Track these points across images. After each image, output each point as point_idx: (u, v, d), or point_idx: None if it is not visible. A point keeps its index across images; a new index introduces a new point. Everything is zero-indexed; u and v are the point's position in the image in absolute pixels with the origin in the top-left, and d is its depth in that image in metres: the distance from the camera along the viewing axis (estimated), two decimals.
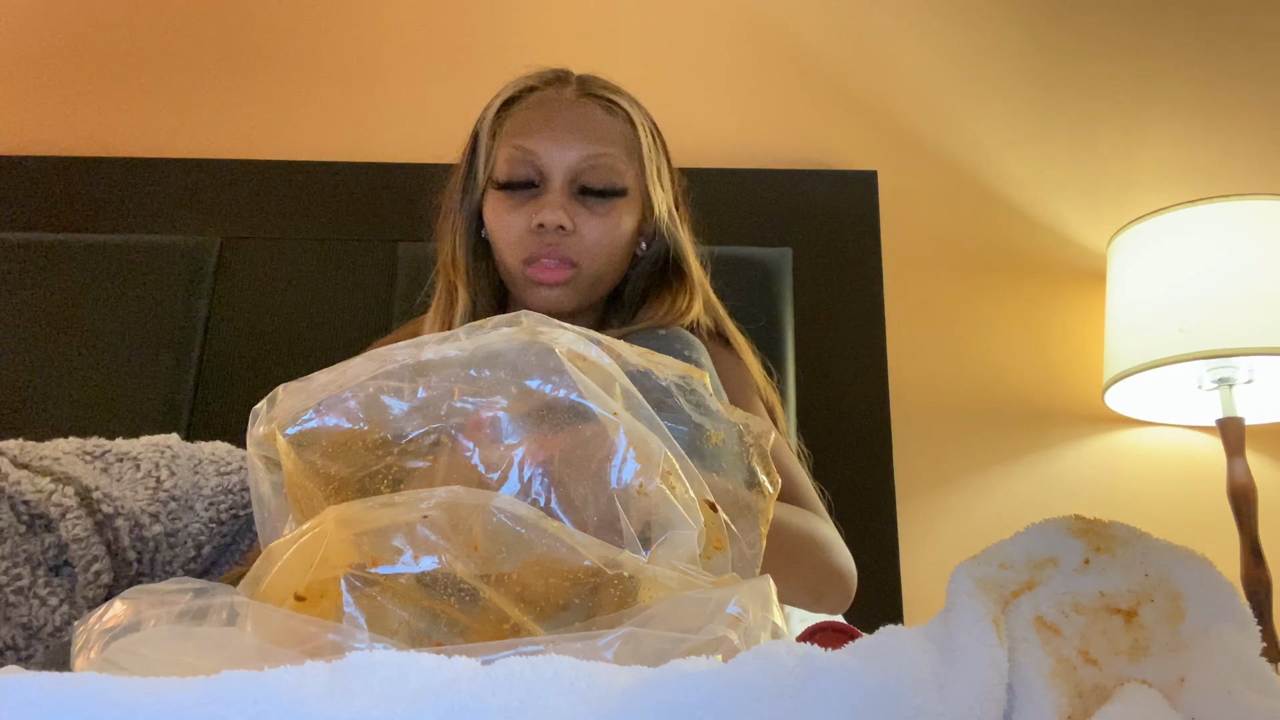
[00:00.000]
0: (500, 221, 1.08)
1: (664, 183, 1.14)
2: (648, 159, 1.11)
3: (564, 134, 1.07)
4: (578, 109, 1.09)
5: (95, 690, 0.37)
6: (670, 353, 0.97)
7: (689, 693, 0.38)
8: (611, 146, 1.08)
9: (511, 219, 1.07)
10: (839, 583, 0.98)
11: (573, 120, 1.08)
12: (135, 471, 1.18)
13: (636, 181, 1.10)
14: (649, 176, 1.11)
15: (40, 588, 1.04)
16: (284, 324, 1.63)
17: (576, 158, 1.06)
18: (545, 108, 1.10)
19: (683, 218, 1.17)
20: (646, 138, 1.12)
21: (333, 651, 0.44)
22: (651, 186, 1.11)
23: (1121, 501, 1.66)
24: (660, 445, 0.52)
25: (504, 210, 1.08)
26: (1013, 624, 0.41)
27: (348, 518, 0.48)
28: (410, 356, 0.54)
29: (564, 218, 1.04)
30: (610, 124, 1.10)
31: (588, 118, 1.09)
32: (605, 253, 1.08)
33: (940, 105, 1.86)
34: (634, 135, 1.11)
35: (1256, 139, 1.84)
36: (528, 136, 1.08)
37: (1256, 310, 1.45)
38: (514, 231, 1.07)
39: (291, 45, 1.89)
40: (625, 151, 1.09)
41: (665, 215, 1.12)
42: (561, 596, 0.48)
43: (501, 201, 1.09)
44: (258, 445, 0.54)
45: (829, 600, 0.98)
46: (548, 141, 1.07)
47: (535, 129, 1.08)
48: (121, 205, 1.71)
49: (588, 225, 1.06)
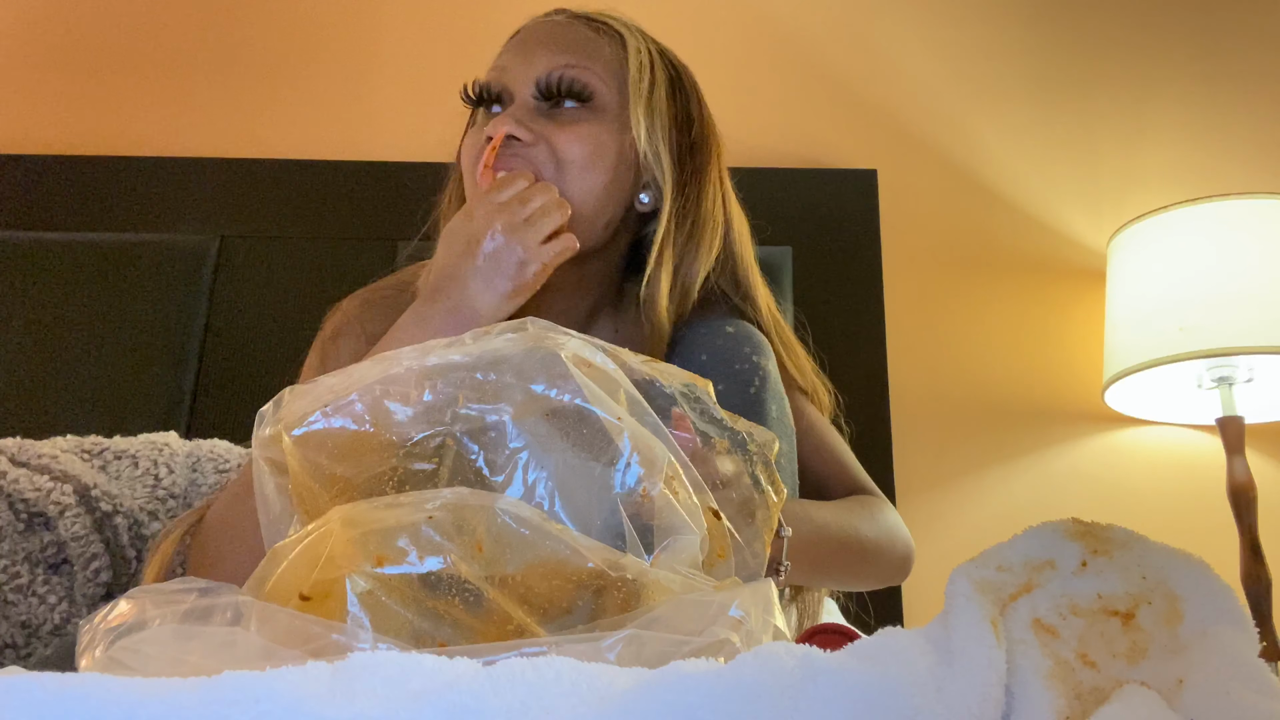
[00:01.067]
0: (464, 148, 0.96)
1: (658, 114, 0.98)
2: (634, 82, 0.96)
3: (534, 47, 0.95)
4: (559, 27, 0.98)
5: (97, 690, 0.37)
6: (736, 355, 0.94)
7: (689, 694, 0.38)
8: (588, 60, 0.95)
9: (470, 141, 0.95)
10: (903, 565, 1.02)
11: (548, 36, 0.97)
12: (134, 469, 1.18)
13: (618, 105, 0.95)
14: (633, 100, 0.95)
15: (39, 586, 1.04)
16: (283, 323, 1.63)
17: (542, 68, 0.93)
18: (526, 30, 1.00)
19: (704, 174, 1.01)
20: (640, 58, 0.98)
21: (337, 652, 0.44)
22: (633, 113, 0.95)
23: (1121, 501, 1.66)
24: (664, 451, 0.52)
25: (468, 138, 0.97)
26: (1011, 626, 0.41)
27: (353, 518, 0.48)
28: (416, 361, 0.54)
29: (515, 126, 0.90)
30: (592, 40, 0.97)
31: (567, 33, 0.97)
32: (576, 171, 0.92)
33: (940, 104, 1.86)
34: (622, 55, 0.97)
35: (1256, 138, 1.84)
36: (501, 57, 0.98)
37: (1256, 309, 1.45)
38: (470, 153, 0.94)
39: (291, 45, 1.89)
40: (604, 70, 0.95)
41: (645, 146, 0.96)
42: (565, 599, 0.48)
43: (471, 130, 0.98)
44: (263, 447, 0.54)
45: (897, 581, 1.04)
46: (516, 55, 0.96)
47: (510, 49, 0.98)
48: (121, 205, 1.71)
49: (554, 135, 0.91)
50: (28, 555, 1.05)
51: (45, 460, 1.13)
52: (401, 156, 1.77)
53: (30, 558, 1.05)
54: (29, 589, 1.04)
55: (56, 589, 1.05)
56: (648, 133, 0.96)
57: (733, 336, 0.96)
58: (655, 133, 0.97)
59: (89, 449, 1.19)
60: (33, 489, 1.08)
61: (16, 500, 1.06)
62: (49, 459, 1.13)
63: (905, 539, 1.02)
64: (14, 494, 1.07)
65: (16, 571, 1.04)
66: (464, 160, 0.97)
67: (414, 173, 1.68)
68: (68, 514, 1.07)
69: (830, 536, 0.92)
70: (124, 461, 1.19)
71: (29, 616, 1.03)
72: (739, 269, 1.06)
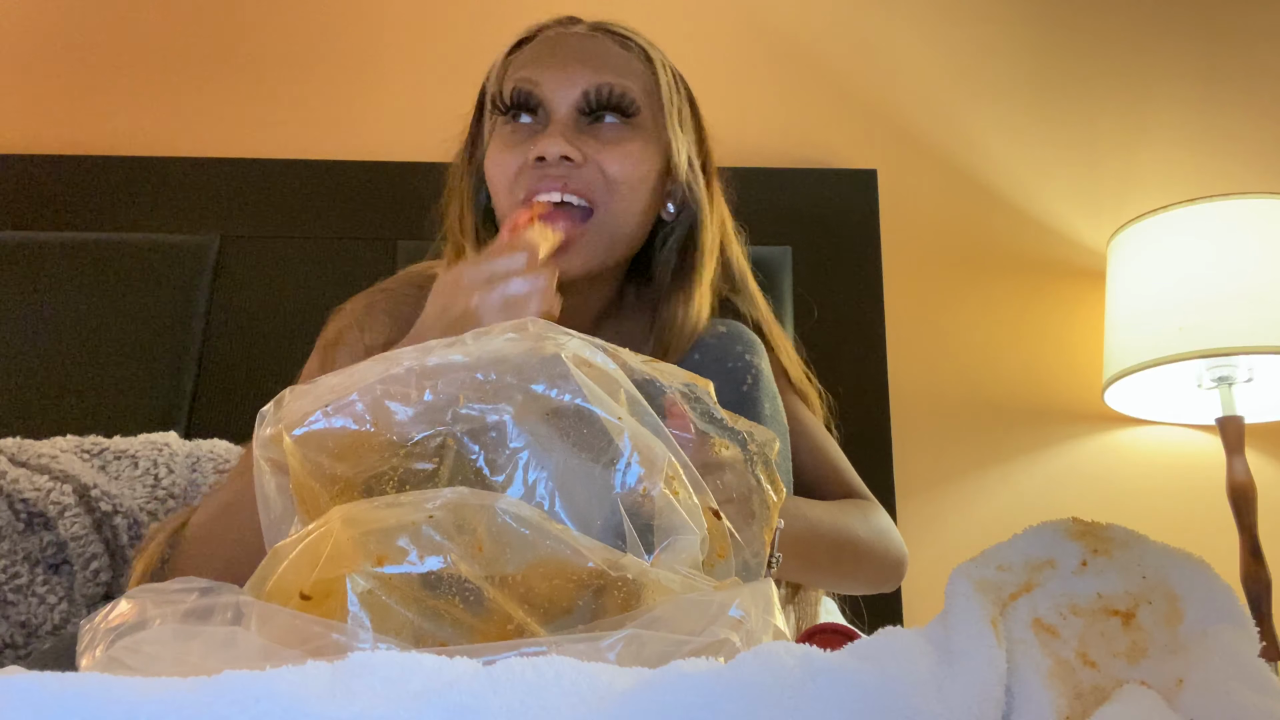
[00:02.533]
0: (495, 161, 0.96)
1: (685, 131, 1.00)
2: (667, 100, 0.98)
3: (571, 63, 0.95)
4: (589, 40, 0.98)
5: (97, 689, 0.37)
6: (729, 354, 0.94)
7: (689, 693, 0.38)
8: (624, 78, 0.96)
9: (507, 156, 0.94)
10: (896, 570, 1.01)
11: (582, 50, 0.97)
12: (133, 469, 1.18)
13: (653, 122, 0.97)
14: (669, 118, 0.98)
15: (39, 586, 1.04)
16: (283, 322, 1.63)
17: (583, 87, 0.94)
18: (553, 41, 0.99)
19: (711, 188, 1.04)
20: (666, 76, 1.00)
21: (337, 651, 0.44)
22: (671, 131, 0.98)
23: (1121, 500, 1.66)
24: (664, 450, 0.52)
25: (500, 148, 0.96)
26: (1011, 626, 0.41)
27: (353, 517, 0.48)
28: (416, 360, 0.54)
29: (566, 146, 0.91)
30: (624, 57, 0.98)
31: (599, 48, 0.97)
32: (625, 191, 0.93)
33: (940, 104, 1.86)
34: (651, 73, 0.99)
35: (1256, 138, 1.84)
36: (529, 67, 0.96)
37: (1256, 309, 1.45)
38: (509, 170, 0.94)
39: (291, 44, 1.89)
40: (640, 88, 0.97)
41: (685, 166, 0.99)
42: (565, 598, 0.48)
43: (500, 140, 0.96)
44: (264, 446, 0.54)
45: (888, 587, 1.02)
46: (552, 69, 0.95)
47: (539, 60, 0.97)
48: (121, 205, 1.72)
49: (601, 155, 0.93)
50: (27, 555, 1.05)
51: (45, 460, 1.13)
52: (401, 156, 1.77)
53: (30, 558, 1.05)
54: (29, 589, 1.04)
55: (56, 589, 1.05)
56: (684, 151, 0.99)
57: (725, 335, 0.97)
58: (688, 150, 1.00)
59: (89, 449, 1.20)
60: (32, 489, 1.08)
61: (16, 500, 1.06)
62: (49, 459, 1.13)
63: (899, 544, 1.02)
64: (14, 494, 1.07)
65: (16, 571, 1.04)
66: (496, 174, 0.96)
67: (414, 173, 1.68)
68: (67, 514, 1.08)
69: (823, 533, 0.91)
70: (124, 461, 1.19)
71: (29, 616, 1.03)
72: (733, 266, 1.07)
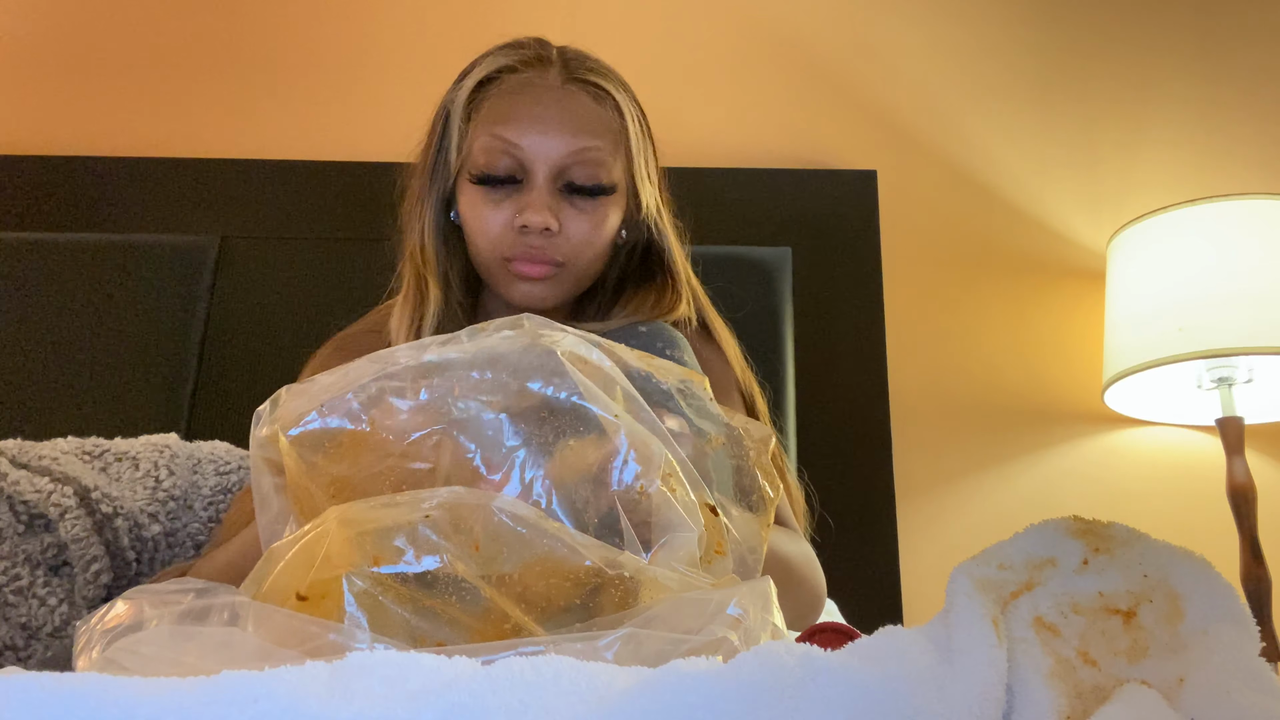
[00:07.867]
0: (477, 215, 1.02)
1: (651, 176, 1.07)
2: (636, 152, 1.05)
3: (549, 126, 1.00)
4: (563, 98, 1.02)
5: (95, 690, 0.37)
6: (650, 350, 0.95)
7: (689, 693, 0.38)
8: (599, 139, 1.01)
9: (491, 214, 1.01)
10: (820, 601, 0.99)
11: (558, 111, 1.01)
12: (134, 471, 1.18)
13: (624, 175, 1.04)
14: (637, 170, 1.05)
15: (39, 588, 1.04)
16: (283, 323, 1.63)
17: (562, 152, 0.99)
18: (528, 94, 1.02)
19: (664, 203, 1.11)
20: (634, 126, 1.05)
21: (334, 651, 0.44)
22: (640, 181, 1.05)
23: (1121, 501, 1.66)
24: (661, 447, 0.52)
25: (483, 205, 1.01)
26: (1012, 624, 0.41)
27: (349, 518, 0.48)
28: (412, 358, 0.54)
29: (550, 219, 0.98)
30: (598, 114, 1.03)
31: (574, 107, 1.02)
32: (591, 252, 1.03)
33: (940, 105, 1.86)
34: (622, 126, 1.04)
35: (1256, 139, 1.84)
36: (507, 125, 1.00)
37: (1256, 310, 1.45)
38: (493, 228, 1.01)
39: (291, 45, 1.89)
40: (613, 144, 1.03)
41: (654, 210, 1.07)
42: (562, 597, 0.48)
43: (480, 195, 1.02)
44: (260, 446, 0.54)
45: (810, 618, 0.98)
46: (531, 133, 0.99)
47: (517, 117, 1.01)
48: (121, 205, 1.71)
49: (573, 224, 1.00)
50: (28, 557, 1.05)
51: (46, 462, 1.13)
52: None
53: (31, 559, 1.05)
54: (29, 591, 1.03)
55: (57, 591, 1.05)
56: (651, 198, 1.07)
57: (645, 335, 1.00)
58: (653, 193, 1.08)
59: (90, 450, 1.19)
60: (33, 491, 1.07)
61: (17, 502, 1.06)
62: (49, 460, 1.13)
63: (821, 576, 0.99)
64: (14, 496, 1.06)
65: (17, 573, 1.03)
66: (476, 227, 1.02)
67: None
68: (68, 516, 1.07)
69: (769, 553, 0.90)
70: (125, 463, 1.19)
71: (29, 618, 1.03)
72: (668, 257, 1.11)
